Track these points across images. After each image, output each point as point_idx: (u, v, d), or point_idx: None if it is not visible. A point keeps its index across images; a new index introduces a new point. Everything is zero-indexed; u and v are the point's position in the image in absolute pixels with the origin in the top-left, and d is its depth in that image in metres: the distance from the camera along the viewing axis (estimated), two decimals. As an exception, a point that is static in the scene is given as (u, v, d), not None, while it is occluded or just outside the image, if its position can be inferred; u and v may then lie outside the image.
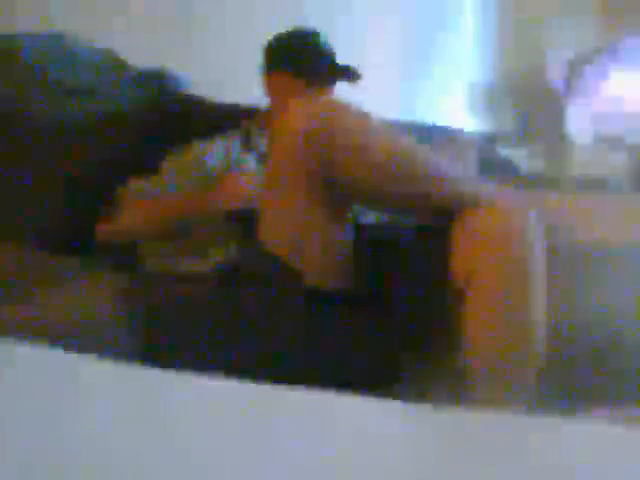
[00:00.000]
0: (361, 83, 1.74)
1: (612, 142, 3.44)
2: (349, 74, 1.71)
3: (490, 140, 3.26)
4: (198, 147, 1.68)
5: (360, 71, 1.72)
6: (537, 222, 1.25)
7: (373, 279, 1.39)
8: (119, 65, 1.93)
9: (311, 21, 1.84)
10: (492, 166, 2.16)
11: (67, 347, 0.84)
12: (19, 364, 0.81)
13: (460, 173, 1.33)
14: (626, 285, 1.47)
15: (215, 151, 1.67)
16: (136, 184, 1.65)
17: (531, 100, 3.59)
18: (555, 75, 3.60)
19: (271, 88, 1.74)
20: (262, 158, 1.68)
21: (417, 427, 0.73)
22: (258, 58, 1.76)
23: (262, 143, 1.72)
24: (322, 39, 1.74)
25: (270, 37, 1.77)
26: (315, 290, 1.29)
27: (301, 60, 1.71)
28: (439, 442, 0.70)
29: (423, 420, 0.74)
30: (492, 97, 3.63)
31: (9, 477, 0.59)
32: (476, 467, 0.65)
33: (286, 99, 1.50)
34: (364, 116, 1.30)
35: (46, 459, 0.62)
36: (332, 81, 1.72)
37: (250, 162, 1.68)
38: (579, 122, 3.55)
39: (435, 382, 1.23)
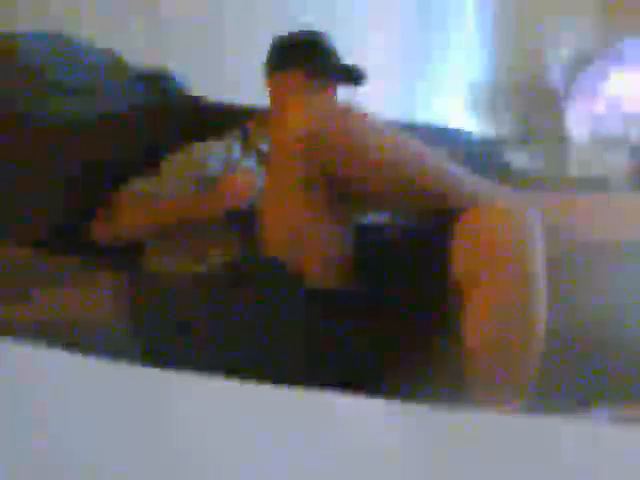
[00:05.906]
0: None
1: (612, 142, 3.44)
2: (356, 75, 1.71)
3: (490, 140, 3.26)
4: (198, 147, 1.68)
5: (365, 74, 1.71)
6: (537, 222, 1.25)
7: (373, 279, 1.39)
8: (120, 65, 1.93)
9: (311, 21, 1.84)
10: (492, 166, 2.16)
11: (67, 347, 0.84)
12: (19, 364, 0.81)
13: (460, 173, 1.33)
14: (626, 284, 1.47)
15: (215, 151, 1.66)
16: (136, 184, 1.65)
17: (531, 100, 3.59)
18: (555, 75, 3.59)
19: (276, 87, 1.72)
20: (262, 158, 1.68)
21: (417, 427, 0.73)
22: (258, 58, 1.76)
23: (262, 143, 1.72)
24: (331, 40, 1.74)
25: (276, 36, 1.77)
26: (315, 290, 1.29)
27: (313, 59, 1.71)
28: (439, 442, 0.70)
29: (423, 420, 0.74)
30: (492, 97, 3.63)
31: (9, 477, 0.59)
32: (475, 467, 0.65)
33: (289, 98, 1.49)
34: (365, 116, 1.30)
35: (46, 459, 0.62)
36: (338, 82, 1.71)
37: (250, 162, 1.68)
38: (579, 122, 3.54)
39: (435, 382, 1.23)
